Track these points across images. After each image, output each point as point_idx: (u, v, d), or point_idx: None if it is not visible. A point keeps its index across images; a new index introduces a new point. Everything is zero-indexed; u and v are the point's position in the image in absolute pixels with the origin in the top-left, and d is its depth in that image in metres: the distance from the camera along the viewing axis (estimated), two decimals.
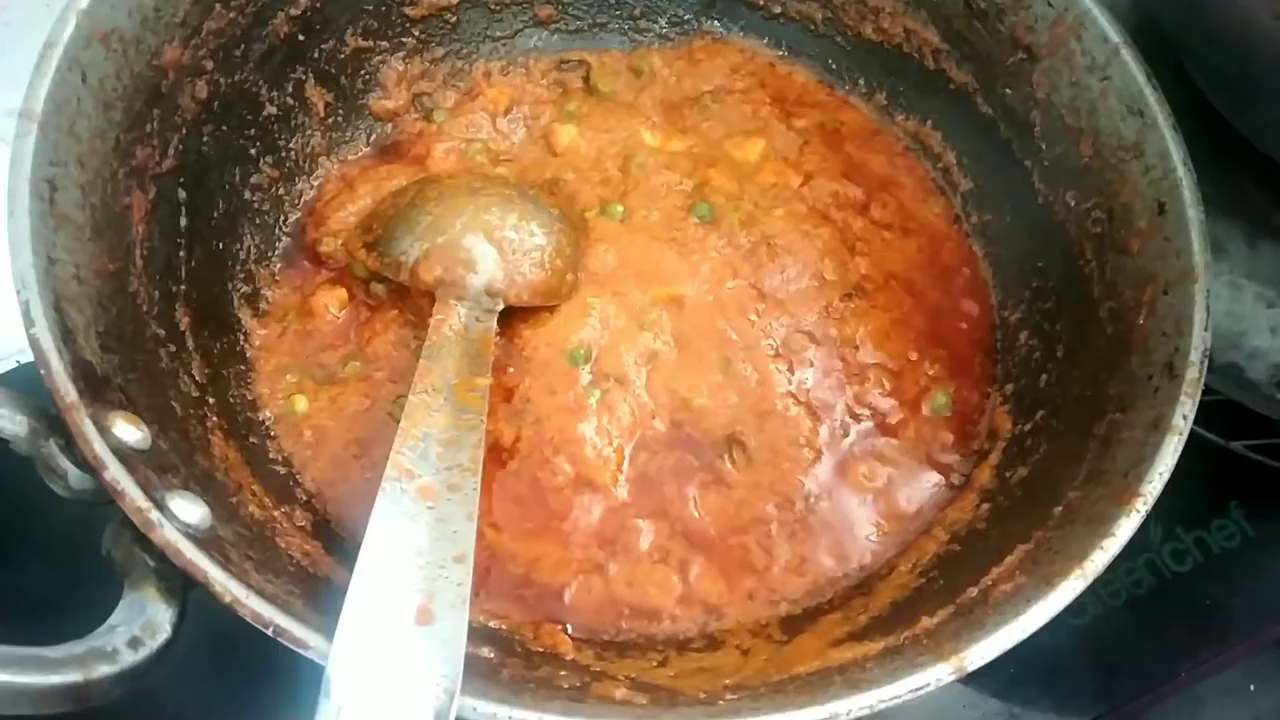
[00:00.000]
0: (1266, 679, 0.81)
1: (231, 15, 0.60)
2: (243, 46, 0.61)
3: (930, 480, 0.60)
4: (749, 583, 0.56)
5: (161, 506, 0.41)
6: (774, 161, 0.70)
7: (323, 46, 0.67)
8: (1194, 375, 0.50)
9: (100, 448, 0.41)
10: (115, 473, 0.41)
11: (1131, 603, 0.74)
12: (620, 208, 0.65)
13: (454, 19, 0.73)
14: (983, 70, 0.67)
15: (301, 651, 0.39)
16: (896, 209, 0.69)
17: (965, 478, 0.59)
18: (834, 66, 0.75)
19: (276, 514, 0.52)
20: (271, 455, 0.57)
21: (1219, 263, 0.73)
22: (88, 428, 0.41)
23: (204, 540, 0.42)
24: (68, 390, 0.42)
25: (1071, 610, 0.72)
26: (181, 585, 0.42)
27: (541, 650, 0.51)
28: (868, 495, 0.59)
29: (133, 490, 0.40)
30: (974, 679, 0.72)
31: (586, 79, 0.75)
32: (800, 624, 0.54)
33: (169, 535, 0.40)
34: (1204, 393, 0.73)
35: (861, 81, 0.74)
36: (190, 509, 0.43)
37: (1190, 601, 0.75)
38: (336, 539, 0.54)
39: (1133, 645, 0.73)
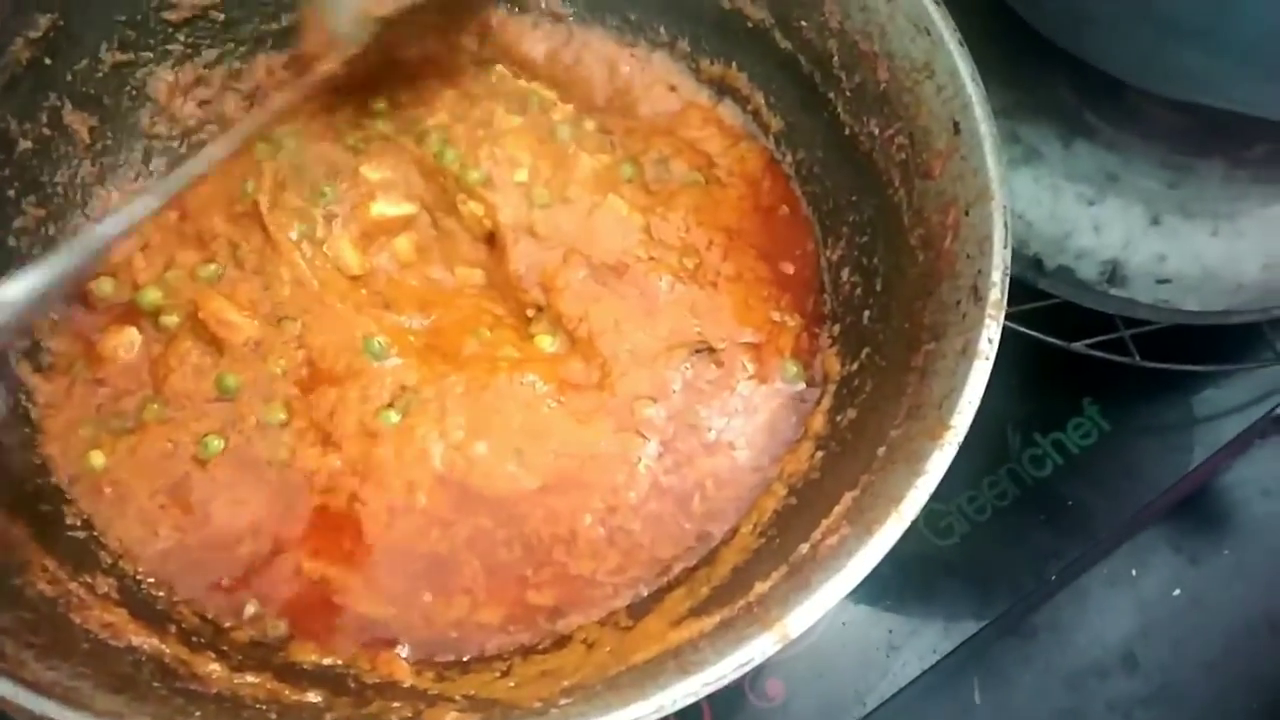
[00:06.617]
0: (1145, 563, 0.83)
1: None
2: None
3: (766, 432, 0.59)
4: (585, 588, 0.54)
5: None
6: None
7: (75, 68, 0.62)
8: (996, 296, 0.49)
9: None
10: None
11: (997, 515, 0.74)
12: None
13: (222, 17, 0.67)
14: (777, 4, 0.65)
15: None
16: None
17: (801, 427, 0.59)
18: (632, 19, 0.72)
19: (73, 586, 0.48)
20: (69, 521, 0.53)
21: (1037, 167, 0.73)
22: None
23: None
24: None
25: (938, 533, 0.74)
26: None
27: (377, 681, 0.49)
28: (704, 462, 0.57)
29: None
30: (856, 603, 0.73)
31: None
32: (647, 605, 0.53)
33: None
34: (1040, 298, 0.74)
35: (662, 30, 0.71)
36: None
37: (1055, 504, 0.76)
38: (147, 601, 0.51)
39: (1005, 556, 0.74)
